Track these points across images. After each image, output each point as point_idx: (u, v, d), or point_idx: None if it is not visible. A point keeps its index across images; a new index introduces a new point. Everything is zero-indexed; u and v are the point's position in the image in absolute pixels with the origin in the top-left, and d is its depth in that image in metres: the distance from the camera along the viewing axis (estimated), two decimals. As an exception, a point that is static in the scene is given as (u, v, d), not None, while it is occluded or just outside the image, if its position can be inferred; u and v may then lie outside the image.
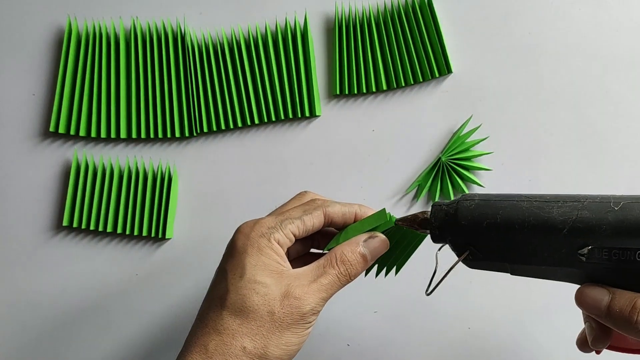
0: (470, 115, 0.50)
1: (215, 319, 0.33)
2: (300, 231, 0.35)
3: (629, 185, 0.49)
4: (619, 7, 0.50)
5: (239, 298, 0.33)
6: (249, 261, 0.34)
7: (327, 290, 0.34)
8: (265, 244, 0.34)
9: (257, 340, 0.32)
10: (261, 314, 0.33)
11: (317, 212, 0.36)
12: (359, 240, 0.35)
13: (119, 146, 0.52)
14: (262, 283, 0.33)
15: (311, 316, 0.33)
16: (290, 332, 0.33)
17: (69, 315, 0.51)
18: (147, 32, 0.52)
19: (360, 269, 0.35)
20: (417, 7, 0.50)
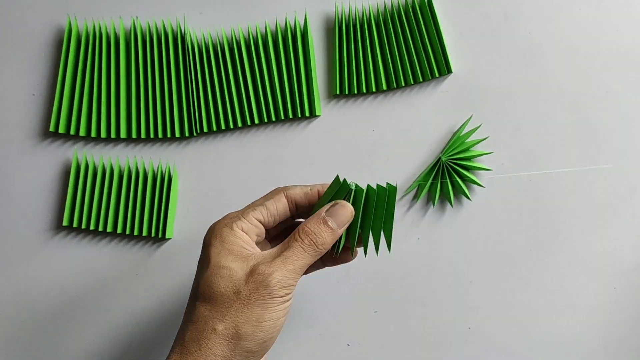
0: (470, 115, 0.50)
1: (189, 311, 0.34)
2: (264, 216, 0.36)
3: (629, 185, 0.49)
4: (619, 7, 0.50)
5: (207, 286, 0.34)
6: (213, 251, 0.35)
7: (293, 262, 0.34)
8: (228, 232, 0.35)
9: (227, 321, 0.33)
10: (228, 295, 0.33)
11: (278, 195, 0.37)
12: (321, 212, 0.36)
13: (119, 146, 0.52)
14: (226, 267, 0.34)
15: (280, 289, 0.33)
16: (259, 308, 0.33)
17: (68, 315, 0.51)
18: (147, 32, 0.52)
19: (327, 238, 0.35)
20: (417, 7, 0.50)
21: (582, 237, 0.49)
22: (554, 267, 0.49)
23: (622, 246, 0.48)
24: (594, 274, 0.48)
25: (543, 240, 0.49)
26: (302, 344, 0.49)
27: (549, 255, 0.49)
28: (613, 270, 0.48)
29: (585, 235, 0.49)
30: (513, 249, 0.49)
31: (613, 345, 0.48)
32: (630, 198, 0.49)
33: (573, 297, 0.48)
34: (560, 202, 0.49)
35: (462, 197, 0.49)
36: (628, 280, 0.48)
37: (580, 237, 0.49)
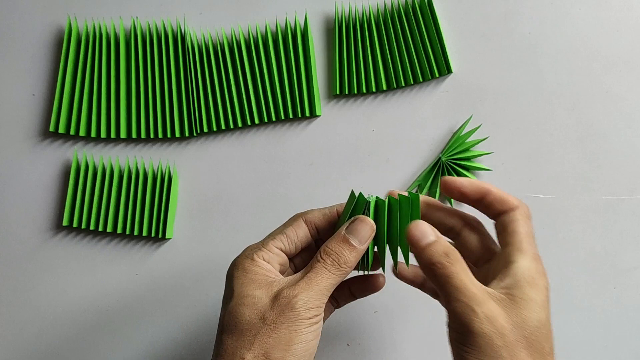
0: (470, 115, 0.50)
1: (217, 346, 0.33)
2: (285, 244, 0.36)
3: (629, 185, 0.49)
4: (619, 7, 0.50)
5: (232, 317, 0.33)
6: (236, 282, 0.34)
7: (317, 283, 0.33)
8: (250, 263, 0.34)
9: (255, 349, 0.31)
10: (254, 323, 0.32)
11: (297, 221, 0.36)
12: (341, 230, 0.35)
13: (119, 146, 0.52)
14: (250, 295, 0.33)
15: (306, 311, 0.32)
16: (287, 331, 0.32)
17: (68, 315, 0.51)
18: (147, 32, 0.52)
19: (349, 255, 0.34)
20: (417, 7, 0.50)
21: (582, 237, 0.49)
22: (554, 267, 0.49)
23: (622, 246, 0.48)
24: (594, 274, 0.48)
25: (543, 240, 0.49)
26: (302, 344, 0.49)
27: (549, 255, 0.49)
28: (613, 270, 0.48)
29: (585, 235, 0.49)
30: (513, 249, 0.49)
31: (613, 345, 0.48)
32: (630, 198, 0.49)
33: (573, 297, 0.48)
34: (560, 202, 0.49)
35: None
36: (628, 280, 0.48)
37: (581, 237, 0.49)
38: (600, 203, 0.49)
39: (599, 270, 0.48)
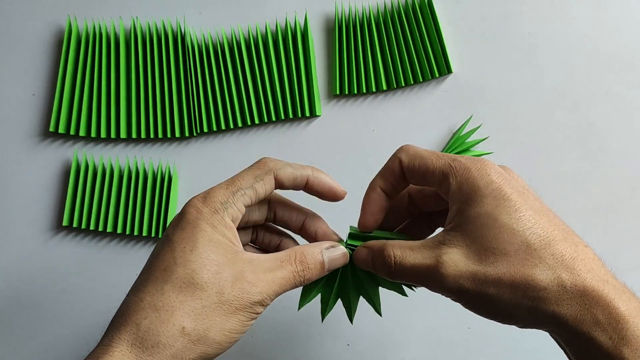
0: (470, 115, 0.50)
1: (154, 293, 0.30)
2: (252, 201, 0.33)
3: (629, 185, 0.49)
4: (619, 7, 0.50)
5: (187, 272, 0.30)
6: (202, 236, 0.31)
7: (280, 285, 0.32)
8: (219, 220, 0.31)
9: (199, 321, 0.29)
10: (209, 293, 0.30)
11: (269, 176, 0.34)
12: (322, 246, 0.34)
13: (119, 146, 0.52)
14: (215, 260, 0.30)
15: (259, 307, 0.31)
16: (235, 319, 0.30)
17: (68, 315, 0.51)
18: (147, 32, 0.52)
19: (315, 274, 0.33)
20: (417, 7, 0.50)
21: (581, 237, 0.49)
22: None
23: (622, 246, 0.48)
24: (594, 274, 0.48)
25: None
26: (302, 344, 0.49)
27: (549, 255, 0.49)
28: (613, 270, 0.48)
29: (585, 235, 0.49)
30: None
31: (613, 345, 0.48)
32: (631, 198, 0.49)
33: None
34: (560, 202, 0.49)
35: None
36: (628, 280, 0.48)
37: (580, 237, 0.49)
38: (600, 203, 0.49)
39: (599, 270, 0.48)
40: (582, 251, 0.29)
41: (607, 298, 0.27)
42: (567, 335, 0.28)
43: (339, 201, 0.36)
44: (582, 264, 0.28)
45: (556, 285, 0.27)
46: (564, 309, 0.27)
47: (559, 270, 0.28)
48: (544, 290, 0.27)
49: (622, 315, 0.27)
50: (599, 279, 0.28)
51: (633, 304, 0.28)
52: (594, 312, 0.27)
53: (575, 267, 0.28)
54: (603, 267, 0.29)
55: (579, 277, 0.27)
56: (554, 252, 0.28)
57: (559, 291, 0.27)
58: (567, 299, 0.27)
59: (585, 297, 0.27)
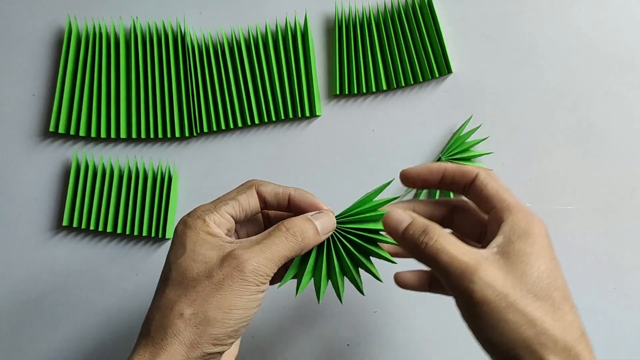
0: (470, 115, 0.50)
1: (157, 299, 0.32)
2: (236, 211, 0.35)
3: (629, 185, 0.49)
4: (619, 7, 0.50)
5: (180, 272, 0.32)
6: (189, 240, 0.33)
7: (272, 250, 0.32)
8: (201, 224, 0.33)
9: (196, 306, 0.31)
10: (200, 280, 0.31)
11: (250, 190, 0.35)
12: (309, 214, 0.35)
13: (119, 146, 0.52)
14: (202, 254, 0.32)
15: (255, 277, 0.32)
16: (231, 294, 0.31)
17: (68, 316, 0.51)
18: (147, 32, 0.52)
19: (310, 234, 0.34)
20: (417, 7, 0.50)
21: (582, 237, 0.49)
22: (554, 267, 0.49)
23: (622, 246, 0.48)
24: (594, 274, 0.48)
25: (543, 240, 0.49)
26: (302, 344, 0.49)
27: (549, 255, 0.49)
28: (613, 270, 0.48)
29: (585, 235, 0.49)
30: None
31: (613, 345, 0.48)
32: (630, 198, 0.49)
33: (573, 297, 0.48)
34: (561, 202, 0.49)
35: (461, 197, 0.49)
36: (628, 280, 0.48)
37: (580, 237, 0.49)
38: (600, 203, 0.49)
39: (599, 270, 0.48)
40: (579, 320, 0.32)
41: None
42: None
43: None
44: (586, 341, 0.31)
45: (562, 345, 0.30)
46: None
47: (569, 334, 0.30)
48: (554, 343, 0.29)
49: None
50: (589, 351, 0.31)
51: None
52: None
53: (582, 339, 0.31)
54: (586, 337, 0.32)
55: (578, 347, 0.30)
56: (571, 310, 0.31)
57: (562, 350, 0.29)
58: (561, 355, 0.30)
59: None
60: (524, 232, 0.32)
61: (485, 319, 0.30)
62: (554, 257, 0.32)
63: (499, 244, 0.32)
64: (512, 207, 0.33)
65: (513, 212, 0.33)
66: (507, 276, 0.30)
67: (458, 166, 0.36)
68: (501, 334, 0.29)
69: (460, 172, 0.36)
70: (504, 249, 0.31)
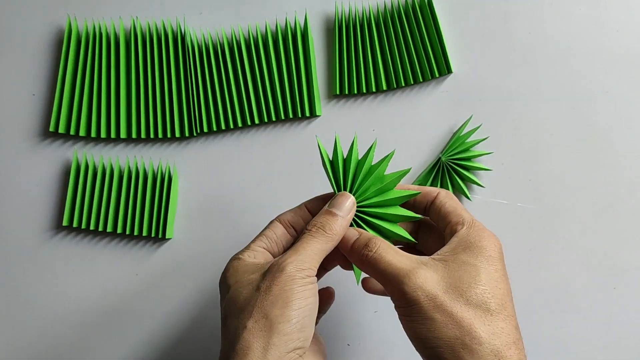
0: (470, 115, 0.50)
1: (222, 335, 0.34)
2: (266, 243, 0.37)
3: (629, 185, 0.49)
4: (619, 7, 0.50)
5: (231, 303, 0.34)
6: (231, 279, 0.35)
7: (305, 248, 0.34)
8: (238, 262, 0.36)
9: (256, 315, 0.32)
10: (250, 296, 0.33)
11: (272, 223, 0.38)
12: (324, 207, 0.37)
13: (119, 146, 0.52)
14: (246, 279, 0.34)
15: (297, 272, 0.33)
16: (281, 292, 0.32)
17: (68, 316, 0.51)
18: (147, 32, 0.52)
19: (333, 223, 0.36)
20: (417, 7, 0.50)
21: (582, 237, 0.49)
22: (554, 267, 0.49)
23: (622, 246, 0.48)
24: (594, 274, 0.48)
25: (543, 240, 0.49)
26: (302, 344, 0.49)
27: (549, 255, 0.49)
28: (613, 270, 0.49)
29: (585, 235, 0.49)
30: (513, 249, 0.49)
31: (613, 345, 0.48)
32: (630, 198, 0.49)
33: (573, 297, 0.48)
34: (561, 202, 0.49)
35: (462, 197, 0.49)
36: (628, 280, 0.48)
37: (580, 237, 0.49)
38: (600, 203, 0.49)
39: (599, 270, 0.48)
40: (519, 337, 0.33)
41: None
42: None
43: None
44: (518, 348, 0.32)
45: (488, 349, 0.31)
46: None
47: (498, 340, 0.31)
48: (479, 345, 0.31)
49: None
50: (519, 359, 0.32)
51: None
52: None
53: (514, 346, 0.32)
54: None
55: (507, 353, 0.31)
56: (506, 319, 0.32)
57: (488, 353, 0.31)
58: (487, 358, 0.31)
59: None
60: (471, 244, 0.34)
61: (415, 317, 0.32)
62: (499, 270, 0.34)
63: (443, 253, 0.34)
64: (465, 222, 0.36)
65: (466, 226, 0.35)
66: (441, 280, 0.32)
67: (420, 186, 0.39)
68: (428, 331, 0.32)
69: (424, 191, 0.39)
70: (446, 257, 0.34)
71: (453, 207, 0.37)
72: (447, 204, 0.37)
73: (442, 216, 0.37)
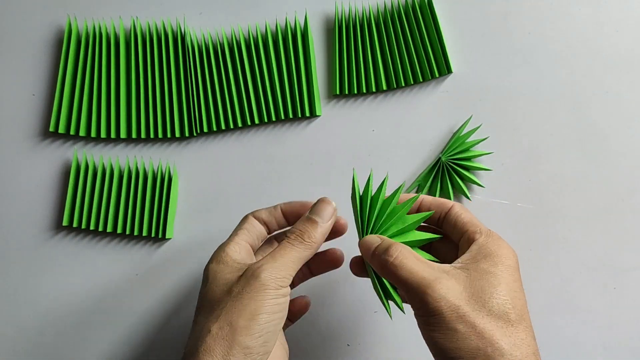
0: (470, 115, 0.50)
1: (191, 331, 0.34)
2: (247, 236, 0.38)
3: (629, 185, 0.49)
4: (619, 7, 0.50)
5: (205, 300, 0.34)
6: (211, 272, 0.36)
7: (282, 255, 0.35)
8: (220, 254, 0.36)
9: (221, 320, 0.32)
10: (222, 298, 0.33)
11: (247, 218, 0.39)
12: (305, 214, 0.38)
13: (119, 146, 0.52)
14: (223, 278, 0.35)
15: (271, 281, 0.33)
16: (252, 301, 0.33)
17: (68, 316, 0.51)
18: (147, 32, 0.52)
19: (312, 231, 0.36)
20: (417, 7, 0.50)
21: (582, 237, 0.49)
22: (554, 267, 0.49)
23: (622, 246, 0.48)
24: (594, 274, 0.48)
25: (543, 240, 0.49)
26: (302, 344, 0.49)
27: (549, 255, 0.49)
28: (613, 270, 0.49)
29: (585, 235, 0.49)
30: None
31: (613, 345, 0.48)
32: (630, 198, 0.49)
33: (573, 297, 0.48)
34: (561, 202, 0.49)
35: (462, 197, 0.49)
36: (628, 280, 0.48)
37: (581, 237, 0.49)
38: (600, 203, 0.49)
39: (599, 270, 0.48)
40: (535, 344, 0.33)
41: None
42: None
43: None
44: (535, 357, 0.32)
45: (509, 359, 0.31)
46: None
47: (519, 351, 0.31)
48: (501, 356, 0.31)
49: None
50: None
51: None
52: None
53: (534, 357, 0.32)
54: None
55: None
56: (525, 330, 0.32)
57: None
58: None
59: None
60: (490, 253, 0.34)
61: (437, 327, 0.32)
62: (517, 280, 0.34)
63: (463, 261, 0.34)
64: (483, 232, 0.36)
65: (484, 234, 0.36)
66: (464, 290, 0.32)
67: (434, 198, 0.39)
68: (450, 342, 0.31)
69: (437, 203, 0.39)
70: (467, 266, 0.34)
71: (469, 218, 0.37)
72: (462, 215, 0.38)
73: (458, 226, 0.37)
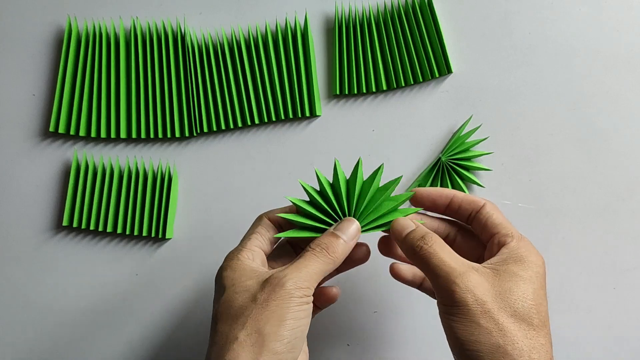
0: (470, 115, 0.50)
1: (211, 336, 0.34)
2: (260, 241, 0.38)
3: (629, 185, 0.49)
4: (619, 7, 0.50)
5: (225, 307, 0.34)
6: (227, 280, 0.35)
7: (306, 266, 0.34)
8: (236, 262, 0.36)
9: (248, 327, 0.32)
10: (246, 305, 0.33)
11: (262, 220, 0.39)
12: (330, 229, 0.37)
13: (119, 146, 0.52)
14: (243, 285, 0.34)
15: (296, 290, 0.33)
16: (278, 308, 0.33)
17: (68, 315, 0.51)
18: (147, 32, 0.52)
19: (337, 247, 0.36)
20: (417, 7, 0.50)
21: (582, 237, 0.49)
22: (554, 267, 0.49)
23: (622, 246, 0.48)
24: (594, 274, 0.48)
25: (543, 240, 0.49)
26: (302, 344, 0.49)
27: (549, 255, 0.49)
28: (613, 270, 0.49)
29: (585, 235, 0.49)
30: (513, 249, 0.49)
31: (613, 345, 0.48)
32: (630, 198, 0.49)
33: (573, 297, 0.48)
34: (561, 202, 0.49)
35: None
36: (628, 280, 0.48)
37: (580, 237, 0.49)
38: (600, 203, 0.49)
39: (599, 270, 0.48)
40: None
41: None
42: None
43: None
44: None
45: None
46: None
47: (537, 354, 0.32)
48: (520, 356, 0.31)
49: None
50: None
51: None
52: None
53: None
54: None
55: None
56: (545, 336, 0.33)
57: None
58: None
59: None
60: (521, 257, 0.35)
61: (460, 318, 0.32)
62: (543, 287, 0.34)
63: (493, 262, 0.35)
64: (515, 236, 0.36)
65: (515, 239, 0.36)
66: (491, 288, 0.33)
67: (467, 195, 0.39)
68: (470, 334, 0.32)
69: (469, 200, 0.39)
70: (497, 267, 0.34)
71: (500, 219, 0.37)
72: (494, 216, 0.38)
73: (488, 227, 0.37)
